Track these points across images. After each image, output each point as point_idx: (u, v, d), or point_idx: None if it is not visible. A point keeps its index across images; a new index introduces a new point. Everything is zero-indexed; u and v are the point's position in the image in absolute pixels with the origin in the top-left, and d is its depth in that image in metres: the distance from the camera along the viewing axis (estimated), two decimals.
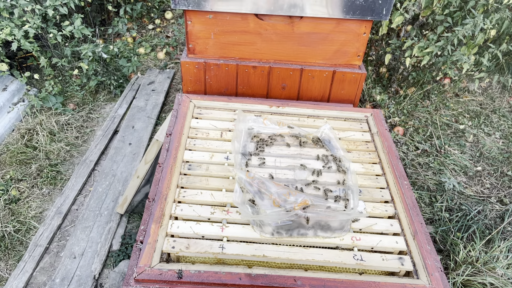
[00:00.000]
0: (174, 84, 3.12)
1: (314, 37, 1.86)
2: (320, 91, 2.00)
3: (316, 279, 1.12)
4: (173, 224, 1.25)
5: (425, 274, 1.17)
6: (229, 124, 1.69)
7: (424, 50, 2.34)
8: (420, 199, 2.23)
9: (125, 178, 2.20)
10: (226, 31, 1.86)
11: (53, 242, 1.95)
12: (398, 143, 2.61)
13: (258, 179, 1.30)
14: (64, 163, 2.38)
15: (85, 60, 2.69)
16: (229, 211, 1.30)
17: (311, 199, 1.25)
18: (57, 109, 2.69)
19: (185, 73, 1.97)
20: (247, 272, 1.13)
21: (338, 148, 1.57)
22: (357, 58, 1.93)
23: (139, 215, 2.08)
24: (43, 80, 2.94)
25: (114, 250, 1.91)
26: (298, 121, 1.74)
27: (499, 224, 2.10)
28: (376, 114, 1.79)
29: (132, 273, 1.11)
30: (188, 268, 1.13)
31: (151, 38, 3.63)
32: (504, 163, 2.54)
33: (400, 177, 1.47)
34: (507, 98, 3.13)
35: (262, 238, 1.23)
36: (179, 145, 1.54)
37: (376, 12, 1.74)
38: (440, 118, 2.83)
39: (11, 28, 2.39)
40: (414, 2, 2.36)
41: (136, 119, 2.64)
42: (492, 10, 2.28)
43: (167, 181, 1.37)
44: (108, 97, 2.93)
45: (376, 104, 2.84)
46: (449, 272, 1.80)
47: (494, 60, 3.12)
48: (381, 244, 1.25)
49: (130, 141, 2.45)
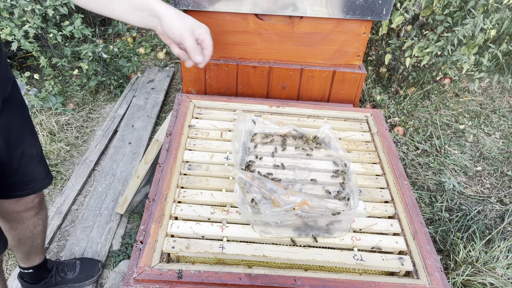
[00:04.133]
0: (174, 84, 3.12)
1: (314, 37, 1.86)
2: (320, 91, 2.00)
3: (316, 279, 1.12)
4: (173, 224, 1.25)
5: (425, 274, 1.17)
6: (229, 124, 1.69)
7: (424, 50, 2.34)
8: (420, 199, 2.23)
9: (125, 178, 2.20)
10: (226, 31, 1.86)
11: (53, 242, 1.95)
12: (398, 143, 2.61)
13: (258, 179, 1.30)
14: (64, 163, 2.38)
15: (85, 60, 2.69)
16: (229, 211, 1.30)
17: (311, 199, 1.25)
18: (57, 109, 2.69)
19: (185, 73, 1.97)
20: (247, 272, 1.13)
21: (338, 148, 1.57)
22: (357, 58, 1.93)
23: (139, 215, 2.08)
24: (43, 80, 2.94)
25: (114, 250, 1.91)
26: (298, 121, 1.74)
27: (499, 224, 2.10)
28: (376, 114, 1.79)
29: (132, 273, 1.11)
30: (188, 268, 1.13)
31: (151, 38, 3.63)
32: (504, 163, 2.54)
33: (400, 177, 1.47)
34: (507, 98, 3.13)
35: (262, 238, 1.23)
36: (179, 145, 1.54)
37: (376, 12, 1.74)
38: (440, 118, 2.83)
39: (11, 28, 2.39)
40: (414, 2, 2.36)
41: (136, 118, 2.64)
42: (492, 10, 2.28)
43: (167, 181, 1.37)
44: (108, 97, 2.93)
45: (376, 104, 2.85)
46: (449, 272, 1.80)
47: (494, 60, 3.12)
48: (381, 244, 1.25)
49: (130, 140, 2.45)
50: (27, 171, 1.30)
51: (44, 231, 1.52)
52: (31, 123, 1.32)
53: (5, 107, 1.15)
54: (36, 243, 1.51)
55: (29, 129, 1.31)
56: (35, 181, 1.35)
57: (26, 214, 1.41)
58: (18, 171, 1.27)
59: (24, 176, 1.30)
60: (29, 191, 1.35)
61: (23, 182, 1.32)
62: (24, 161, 1.27)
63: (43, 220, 1.50)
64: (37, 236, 1.49)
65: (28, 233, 1.45)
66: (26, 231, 1.44)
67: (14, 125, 1.21)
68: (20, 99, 1.26)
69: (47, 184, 1.41)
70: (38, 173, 1.35)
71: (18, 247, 1.49)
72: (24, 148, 1.26)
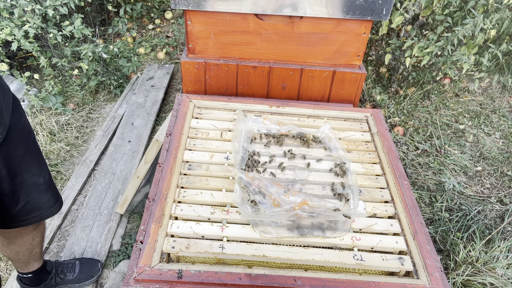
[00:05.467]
0: (174, 84, 3.12)
1: (314, 37, 1.86)
2: (320, 91, 2.00)
3: (316, 279, 1.12)
4: (173, 224, 1.25)
5: (425, 274, 1.17)
6: (229, 124, 1.69)
7: (424, 50, 2.34)
8: (420, 199, 2.23)
9: (125, 177, 2.20)
10: (226, 31, 1.86)
11: (53, 242, 1.95)
12: (398, 143, 2.61)
13: (258, 179, 1.30)
14: (64, 163, 2.38)
15: (85, 60, 2.69)
16: (229, 211, 1.30)
17: (311, 199, 1.25)
18: (57, 109, 2.69)
19: (185, 73, 1.97)
20: (247, 272, 1.13)
21: (338, 148, 1.57)
22: (357, 58, 1.93)
23: (139, 215, 2.08)
24: (43, 80, 2.94)
25: (114, 250, 1.91)
26: (298, 121, 1.74)
27: (499, 224, 2.10)
28: (376, 114, 1.79)
29: (132, 273, 1.11)
30: (188, 268, 1.13)
31: (151, 38, 3.63)
32: (504, 163, 2.54)
33: (400, 177, 1.47)
34: (507, 98, 3.13)
35: (262, 238, 1.23)
36: (179, 145, 1.54)
37: (376, 12, 1.74)
38: (440, 118, 2.83)
39: (11, 28, 2.39)
40: (414, 2, 2.36)
41: (136, 116, 2.63)
42: (492, 10, 2.28)
43: (167, 181, 1.37)
44: (108, 97, 2.93)
45: (376, 104, 2.85)
46: (449, 272, 1.80)
47: (494, 60, 3.12)
48: (381, 244, 1.25)
49: (130, 139, 2.45)
50: (30, 199, 1.25)
51: (42, 240, 1.50)
52: (37, 150, 1.27)
53: (7, 136, 1.11)
54: (35, 251, 1.49)
55: (35, 157, 1.25)
56: (41, 209, 1.30)
57: (26, 230, 1.39)
58: (19, 199, 1.22)
59: (28, 204, 1.25)
60: (33, 220, 1.30)
61: (27, 211, 1.27)
62: (25, 190, 1.22)
63: (42, 232, 1.48)
64: (36, 246, 1.48)
65: (27, 246, 1.43)
66: (25, 244, 1.42)
67: (16, 154, 1.16)
68: (25, 125, 1.22)
69: (55, 212, 1.36)
70: (44, 201, 1.31)
71: (17, 259, 1.47)
72: (27, 176, 1.21)
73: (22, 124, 1.20)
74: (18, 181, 1.19)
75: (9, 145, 1.13)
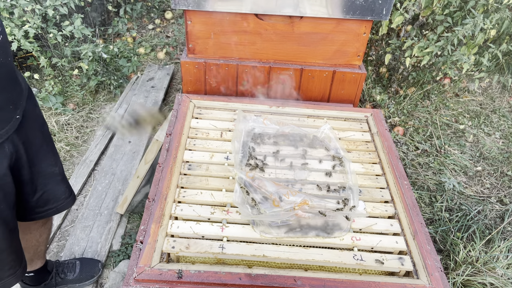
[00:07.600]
0: (174, 84, 3.12)
1: (314, 37, 1.86)
2: (320, 91, 2.00)
3: (316, 279, 1.12)
4: (173, 224, 1.25)
5: (425, 274, 1.17)
6: (229, 124, 1.69)
7: (424, 50, 2.34)
8: (420, 199, 2.23)
9: (125, 177, 2.20)
10: (226, 31, 1.86)
11: (53, 242, 1.95)
12: (398, 143, 2.61)
13: (258, 179, 1.30)
14: (64, 163, 2.38)
15: (85, 60, 2.69)
16: (229, 211, 1.30)
17: (311, 199, 1.25)
18: (57, 109, 2.69)
19: (185, 73, 1.97)
20: (247, 272, 1.13)
21: (338, 148, 1.57)
22: (357, 58, 1.93)
23: (139, 215, 2.08)
24: (43, 80, 2.94)
25: (114, 250, 1.91)
26: (298, 121, 1.74)
27: (499, 224, 2.10)
28: (376, 114, 1.79)
29: (132, 273, 1.11)
30: (188, 268, 1.13)
31: (151, 38, 3.63)
32: (504, 163, 2.54)
33: (400, 177, 1.47)
34: (507, 98, 3.13)
35: (262, 238, 1.23)
36: (179, 145, 1.54)
37: (376, 12, 1.74)
38: (440, 118, 2.83)
39: (11, 28, 2.39)
40: (414, 2, 2.36)
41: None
42: (492, 10, 2.28)
43: (167, 181, 1.37)
44: (108, 97, 2.93)
45: (376, 104, 2.85)
46: (449, 272, 1.80)
47: (494, 60, 3.12)
48: (381, 244, 1.25)
49: (130, 139, 2.45)
50: (47, 189, 1.25)
51: (48, 238, 1.51)
52: (52, 141, 1.27)
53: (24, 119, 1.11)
54: (40, 249, 1.50)
55: (51, 147, 1.26)
56: (57, 200, 1.30)
57: (35, 225, 1.39)
58: (37, 189, 1.22)
59: (44, 194, 1.25)
60: (50, 212, 1.30)
61: (44, 201, 1.26)
62: (42, 179, 1.22)
63: (49, 229, 1.48)
64: (42, 243, 1.49)
65: (33, 242, 1.44)
66: (32, 240, 1.43)
67: (35, 141, 1.17)
68: (39, 114, 1.22)
69: (70, 204, 1.35)
70: (60, 192, 1.30)
71: None
72: (44, 166, 1.21)
73: (37, 112, 1.21)
74: (35, 170, 1.19)
75: (28, 130, 1.13)
